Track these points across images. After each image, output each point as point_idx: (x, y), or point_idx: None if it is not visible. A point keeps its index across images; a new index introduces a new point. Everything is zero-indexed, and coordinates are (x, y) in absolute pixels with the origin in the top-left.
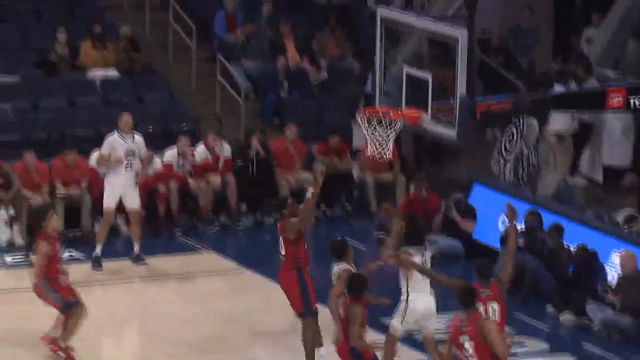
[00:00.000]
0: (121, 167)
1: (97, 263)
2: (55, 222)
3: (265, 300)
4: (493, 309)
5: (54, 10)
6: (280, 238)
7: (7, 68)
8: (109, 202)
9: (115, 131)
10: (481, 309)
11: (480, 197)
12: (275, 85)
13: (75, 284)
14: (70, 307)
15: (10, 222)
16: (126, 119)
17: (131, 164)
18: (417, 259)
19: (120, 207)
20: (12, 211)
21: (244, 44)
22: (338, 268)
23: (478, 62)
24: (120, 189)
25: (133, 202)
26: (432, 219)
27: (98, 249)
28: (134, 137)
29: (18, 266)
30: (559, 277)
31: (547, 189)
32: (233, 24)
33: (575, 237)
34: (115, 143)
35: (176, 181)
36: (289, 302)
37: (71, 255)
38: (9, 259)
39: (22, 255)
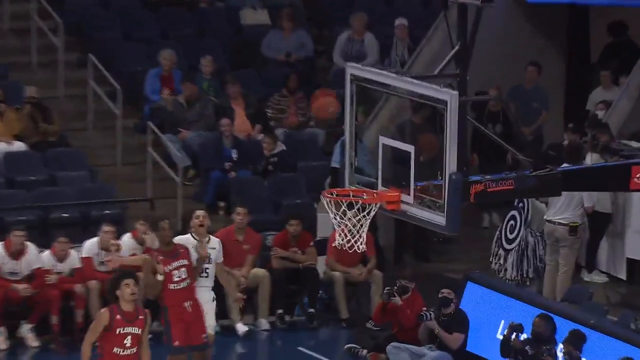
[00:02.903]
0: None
1: None
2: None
3: None
4: None
5: None
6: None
7: None
8: None
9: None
10: None
11: (475, 298)
12: (220, 160)
13: None
14: None
15: None
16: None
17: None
18: None
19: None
20: None
21: (183, 109)
22: None
23: (472, 131)
24: None
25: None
26: (417, 327)
27: None
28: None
29: None
30: None
31: (558, 289)
32: (169, 85)
33: (595, 349)
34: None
35: (98, 281)
36: None
37: None
38: None
39: None
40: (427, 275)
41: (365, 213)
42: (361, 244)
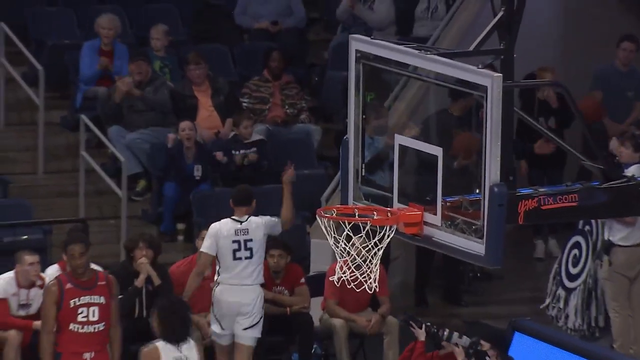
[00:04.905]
0: None
1: None
2: None
3: None
4: None
5: None
6: None
7: None
8: None
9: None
10: None
11: (524, 354)
12: (180, 167)
13: None
14: None
15: None
16: None
17: None
18: None
19: None
20: None
21: (131, 96)
22: None
23: (519, 127)
24: None
25: None
26: None
27: None
28: None
29: None
30: None
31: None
32: (109, 65)
33: None
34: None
35: (17, 330)
36: None
37: None
38: None
39: None
40: (462, 321)
41: (376, 239)
42: (371, 281)
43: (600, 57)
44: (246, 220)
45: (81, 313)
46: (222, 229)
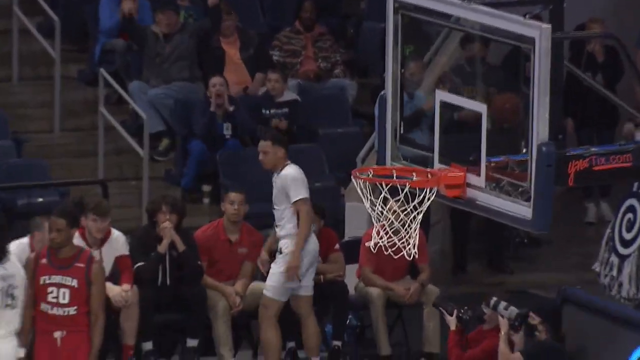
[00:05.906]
0: None
1: None
2: None
3: None
4: None
5: None
6: None
7: None
8: None
9: None
10: None
11: (574, 325)
12: (206, 125)
13: None
14: None
15: None
16: None
17: None
18: None
19: None
20: None
21: (158, 44)
22: None
23: (568, 83)
24: None
25: None
26: None
27: None
28: None
29: None
30: None
31: None
32: (130, 15)
33: None
34: None
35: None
36: None
37: None
38: None
39: None
40: (504, 293)
41: (416, 202)
42: (410, 247)
43: None
44: None
45: (51, 293)
46: (302, 173)
